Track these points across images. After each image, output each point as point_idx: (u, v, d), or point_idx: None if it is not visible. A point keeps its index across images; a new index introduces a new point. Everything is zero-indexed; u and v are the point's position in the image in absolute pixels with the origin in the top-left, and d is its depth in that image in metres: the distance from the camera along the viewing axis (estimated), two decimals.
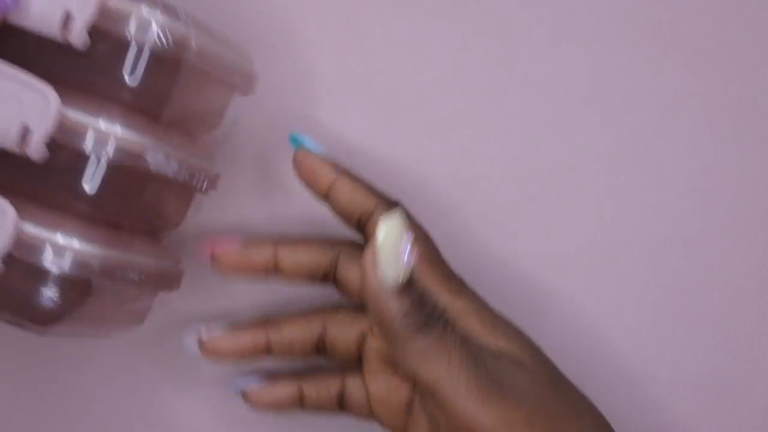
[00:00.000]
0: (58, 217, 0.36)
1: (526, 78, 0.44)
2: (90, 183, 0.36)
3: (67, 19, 0.35)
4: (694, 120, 0.44)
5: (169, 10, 0.36)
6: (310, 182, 0.40)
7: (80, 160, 0.35)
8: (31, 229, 0.35)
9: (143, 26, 0.35)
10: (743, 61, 0.44)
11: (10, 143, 0.35)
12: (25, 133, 0.35)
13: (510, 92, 0.44)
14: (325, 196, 0.39)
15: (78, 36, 0.35)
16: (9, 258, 0.35)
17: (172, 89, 0.37)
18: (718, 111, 0.44)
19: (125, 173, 0.36)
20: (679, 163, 0.44)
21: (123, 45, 0.35)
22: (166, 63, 0.36)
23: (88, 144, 0.35)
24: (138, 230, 0.39)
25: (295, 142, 0.40)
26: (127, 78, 0.36)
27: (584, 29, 0.44)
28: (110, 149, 0.35)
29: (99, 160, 0.35)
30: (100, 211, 0.36)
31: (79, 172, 0.36)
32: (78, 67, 0.36)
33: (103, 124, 0.35)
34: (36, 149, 0.35)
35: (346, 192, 0.39)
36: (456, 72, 0.44)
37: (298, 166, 0.40)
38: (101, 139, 0.35)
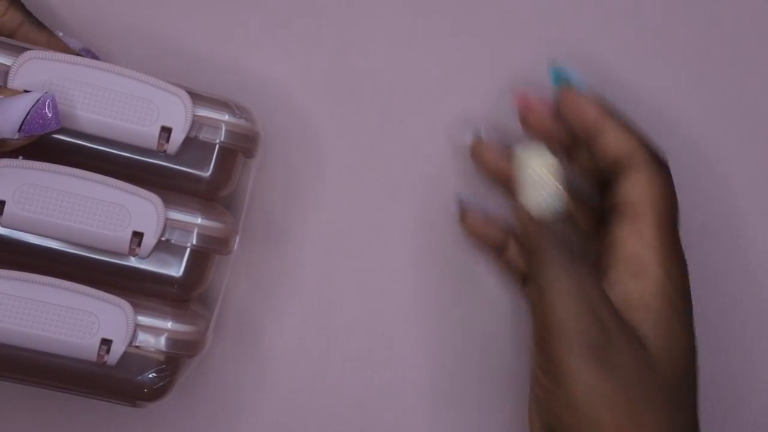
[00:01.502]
0: (150, 303, 0.40)
1: (527, 78, 0.46)
2: (179, 269, 0.40)
3: (163, 133, 0.38)
4: (694, 119, 0.46)
5: (232, 108, 0.41)
6: (576, 121, 0.39)
7: (171, 249, 0.40)
8: (141, 319, 0.39)
9: (217, 127, 0.40)
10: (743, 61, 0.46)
11: (123, 249, 0.38)
12: (137, 239, 0.38)
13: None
14: (590, 136, 0.39)
15: (174, 147, 0.39)
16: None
17: (232, 174, 0.42)
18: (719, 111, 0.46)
19: (204, 256, 0.41)
20: (681, 163, 0.44)
21: (199, 145, 0.40)
22: (230, 153, 0.41)
23: (178, 236, 0.40)
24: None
25: (558, 77, 0.40)
26: (201, 172, 0.40)
27: (584, 29, 0.46)
28: (195, 238, 0.40)
29: (187, 249, 0.40)
30: (184, 292, 0.41)
31: (169, 260, 0.40)
32: (159, 167, 0.40)
33: (189, 218, 0.40)
34: (145, 253, 0.39)
35: (613, 135, 0.38)
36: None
37: (564, 104, 0.39)
38: (188, 230, 0.40)
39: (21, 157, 0.37)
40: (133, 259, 0.39)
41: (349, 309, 0.47)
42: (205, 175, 0.40)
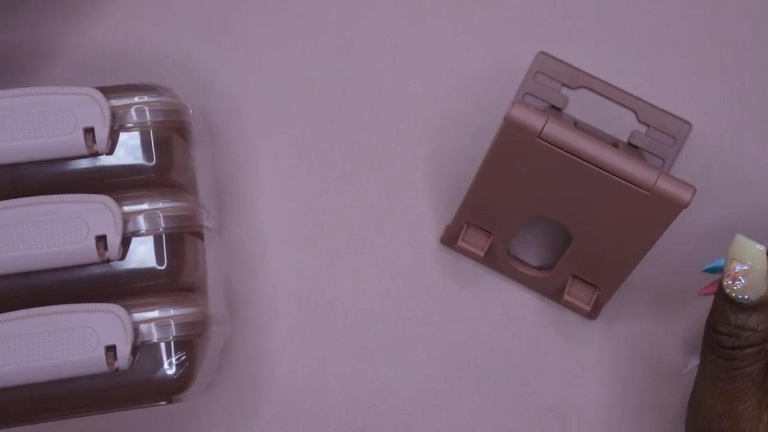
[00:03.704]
0: (148, 298, 0.40)
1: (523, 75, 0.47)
2: (161, 258, 0.40)
3: (87, 134, 0.39)
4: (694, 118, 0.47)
5: (150, 89, 0.41)
6: None
7: (144, 242, 0.40)
8: (144, 315, 0.39)
9: (140, 110, 0.40)
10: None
11: (92, 257, 0.38)
12: (102, 242, 0.39)
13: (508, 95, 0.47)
14: None
15: (103, 144, 0.39)
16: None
17: (173, 154, 0.41)
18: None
19: (179, 238, 0.41)
20: (679, 163, 0.47)
21: (130, 135, 0.40)
22: (163, 132, 0.41)
23: (146, 225, 0.40)
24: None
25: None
26: (143, 161, 0.40)
27: (582, 29, 0.47)
28: (163, 222, 0.40)
29: (160, 235, 0.40)
30: (173, 278, 0.41)
31: (147, 252, 0.40)
32: (102, 169, 0.40)
33: (149, 205, 0.40)
34: (115, 252, 0.39)
35: None
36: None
37: None
38: (154, 217, 0.40)
39: None
40: (112, 264, 0.39)
41: (349, 309, 0.47)
42: (148, 163, 0.40)
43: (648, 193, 0.40)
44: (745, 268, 0.37)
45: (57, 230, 0.38)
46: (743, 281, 0.37)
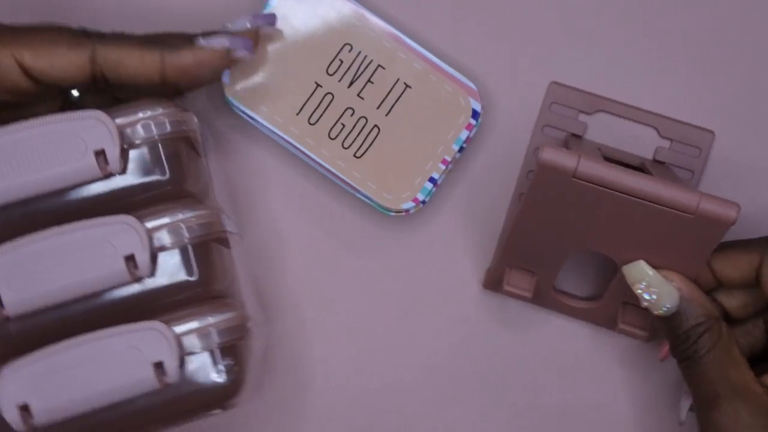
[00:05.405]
0: (186, 310, 0.40)
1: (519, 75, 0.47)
2: (191, 269, 0.40)
3: (99, 157, 0.38)
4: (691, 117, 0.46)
5: (157, 101, 0.40)
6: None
7: (172, 255, 0.40)
8: (184, 328, 0.39)
9: (146, 125, 0.40)
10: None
11: (124, 277, 0.38)
12: (131, 262, 0.38)
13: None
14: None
15: (116, 164, 0.39)
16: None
17: (185, 164, 0.41)
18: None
19: (206, 246, 0.41)
20: None
21: (140, 152, 0.40)
22: (173, 145, 0.41)
23: (172, 239, 0.39)
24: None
25: None
26: (157, 175, 0.40)
27: (586, 39, 0.47)
28: (187, 232, 0.40)
29: (186, 246, 0.40)
30: (207, 287, 0.41)
31: (177, 265, 0.40)
32: (119, 191, 0.40)
33: (171, 218, 0.40)
34: (145, 269, 0.39)
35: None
36: None
37: None
38: (177, 230, 0.40)
39: None
40: (145, 281, 0.39)
41: (350, 309, 0.47)
42: (162, 177, 0.40)
43: (692, 216, 0.39)
44: (645, 284, 0.41)
45: (86, 257, 0.38)
46: (653, 296, 0.41)
